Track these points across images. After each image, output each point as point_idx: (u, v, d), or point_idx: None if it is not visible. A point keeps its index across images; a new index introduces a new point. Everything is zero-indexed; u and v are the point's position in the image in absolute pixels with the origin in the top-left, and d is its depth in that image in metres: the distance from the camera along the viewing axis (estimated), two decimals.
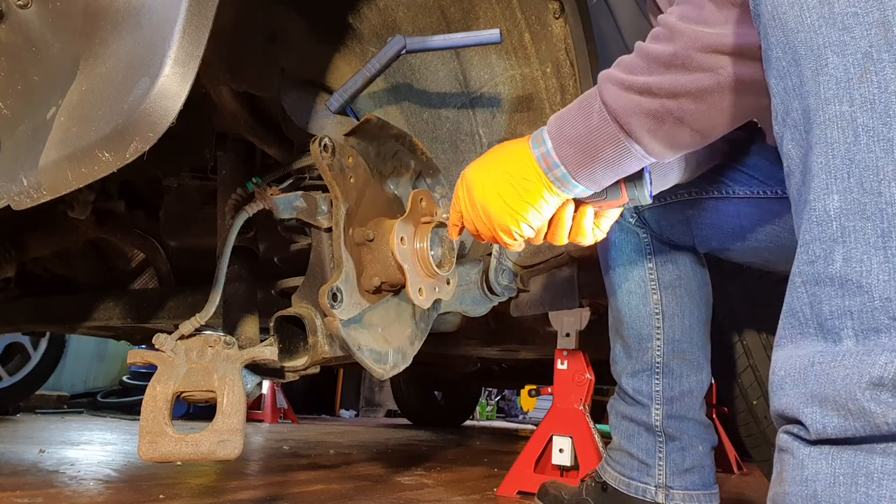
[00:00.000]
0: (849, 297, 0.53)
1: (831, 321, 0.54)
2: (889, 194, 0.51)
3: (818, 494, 0.54)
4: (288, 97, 1.12)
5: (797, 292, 0.57)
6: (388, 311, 1.13)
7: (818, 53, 0.55)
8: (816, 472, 0.54)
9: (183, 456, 0.96)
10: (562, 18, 1.26)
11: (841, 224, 0.54)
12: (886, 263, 0.51)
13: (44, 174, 0.72)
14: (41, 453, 2.06)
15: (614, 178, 0.84)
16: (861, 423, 0.51)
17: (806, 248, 0.57)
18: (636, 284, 1.32)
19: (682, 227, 1.27)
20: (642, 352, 1.32)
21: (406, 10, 1.29)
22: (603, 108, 0.76)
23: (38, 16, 0.74)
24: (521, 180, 0.83)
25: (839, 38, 0.54)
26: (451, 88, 1.38)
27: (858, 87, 0.53)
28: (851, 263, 0.53)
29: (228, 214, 1.14)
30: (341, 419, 5.43)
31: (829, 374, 0.53)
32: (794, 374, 0.56)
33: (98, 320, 1.86)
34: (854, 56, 0.53)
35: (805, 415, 0.55)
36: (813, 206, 0.56)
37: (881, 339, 0.51)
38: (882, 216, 0.51)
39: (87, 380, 4.81)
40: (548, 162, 0.82)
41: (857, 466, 0.52)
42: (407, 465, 2.31)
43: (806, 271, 0.56)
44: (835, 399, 0.52)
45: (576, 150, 0.80)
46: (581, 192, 0.85)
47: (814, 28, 0.55)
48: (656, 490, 1.30)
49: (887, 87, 0.52)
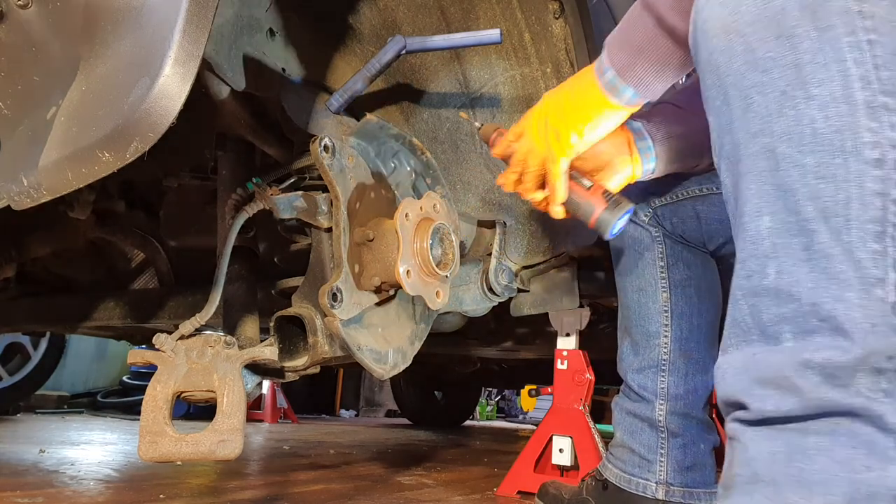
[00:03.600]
0: (783, 305, 0.60)
1: (771, 327, 0.61)
2: (806, 212, 0.59)
3: (759, 472, 0.60)
4: (288, 97, 1.12)
5: (738, 304, 0.64)
6: (388, 311, 1.13)
7: (745, 94, 0.63)
8: (758, 452, 0.60)
9: (183, 456, 0.96)
10: (562, 18, 1.26)
11: (772, 242, 0.61)
12: (811, 273, 0.58)
13: (44, 174, 0.72)
14: (41, 453, 2.06)
15: (657, 79, 0.89)
16: (794, 399, 0.58)
17: (743, 264, 0.64)
18: (647, 282, 1.33)
19: (693, 223, 1.29)
20: (649, 349, 1.32)
21: (406, 10, 1.29)
22: (639, 4, 0.85)
23: (38, 16, 0.74)
24: (578, 89, 0.94)
25: (760, 79, 0.62)
26: (451, 88, 1.38)
27: (777, 122, 0.61)
28: (783, 276, 0.60)
29: (228, 214, 1.14)
30: (341, 419, 5.43)
31: (767, 360, 0.60)
32: (736, 365, 0.63)
33: (98, 320, 1.86)
34: (773, 94, 0.61)
35: (747, 394, 0.61)
36: (747, 228, 0.63)
37: (815, 338, 0.58)
38: (803, 232, 0.59)
39: (87, 380, 4.81)
40: (600, 69, 0.91)
41: (793, 444, 0.58)
42: (407, 465, 2.31)
43: (744, 285, 0.63)
44: (772, 379, 0.59)
45: (619, 47, 0.89)
46: (632, 97, 0.91)
47: (740, 72, 0.63)
48: (657, 486, 1.30)
49: (801, 120, 0.60)
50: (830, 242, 0.58)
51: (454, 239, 1.13)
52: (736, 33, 0.63)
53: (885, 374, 0.56)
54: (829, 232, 0.58)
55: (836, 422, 0.56)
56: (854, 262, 0.57)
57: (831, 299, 0.57)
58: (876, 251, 0.57)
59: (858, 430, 0.56)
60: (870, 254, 0.57)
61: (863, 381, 0.56)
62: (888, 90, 0.58)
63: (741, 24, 0.63)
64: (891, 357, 0.55)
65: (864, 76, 0.58)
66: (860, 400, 0.55)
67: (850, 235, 0.57)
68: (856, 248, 0.57)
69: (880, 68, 0.58)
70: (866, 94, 0.58)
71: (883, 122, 0.58)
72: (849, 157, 0.58)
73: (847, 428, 0.56)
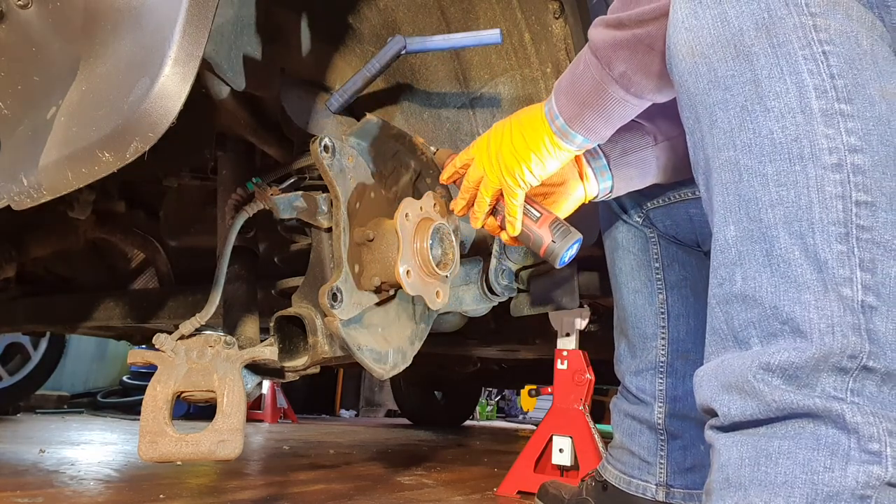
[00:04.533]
0: (750, 310, 0.62)
1: (741, 332, 0.63)
2: (767, 219, 0.61)
3: (730, 477, 0.62)
4: (288, 97, 1.12)
5: (714, 312, 0.67)
6: (388, 311, 1.13)
7: (710, 111, 0.66)
8: (728, 458, 0.62)
9: (183, 456, 0.96)
10: (562, 18, 1.26)
11: (738, 250, 0.63)
12: (772, 277, 0.60)
13: (44, 174, 0.72)
14: (41, 453, 2.06)
15: (606, 126, 0.90)
16: (756, 403, 0.59)
17: (715, 272, 0.66)
18: (642, 284, 1.32)
19: (687, 225, 1.28)
20: (647, 351, 1.32)
21: (406, 10, 1.29)
22: (588, 51, 0.86)
23: (38, 16, 0.74)
24: (530, 130, 0.94)
25: (723, 96, 0.65)
26: (451, 88, 1.38)
27: (739, 135, 0.64)
28: (748, 281, 0.62)
29: (228, 214, 1.14)
30: (341, 419, 5.43)
31: (732, 365, 0.62)
32: (708, 373, 0.66)
33: (98, 320, 1.86)
34: (734, 110, 0.64)
35: (715, 402, 0.64)
36: (716, 238, 0.66)
37: (778, 341, 0.60)
38: (765, 238, 0.61)
39: (87, 380, 4.81)
40: (551, 114, 0.92)
41: (759, 449, 0.60)
42: (407, 465, 2.31)
43: (718, 293, 0.66)
44: (735, 384, 0.61)
45: (568, 98, 0.89)
46: (582, 142, 0.92)
47: (706, 91, 0.66)
48: (657, 488, 1.30)
49: (760, 132, 0.62)
50: (790, 247, 0.60)
51: (454, 239, 1.13)
52: (700, 55, 0.67)
53: (849, 373, 0.57)
54: (790, 236, 0.60)
55: (800, 424, 0.58)
56: (817, 264, 0.58)
57: (790, 302, 0.59)
58: (841, 252, 0.58)
59: (820, 431, 0.57)
60: (835, 255, 0.58)
61: (827, 381, 0.57)
62: (844, 97, 0.60)
63: (704, 47, 0.66)
64: (852, 356, 0.56)
65: (820, 86, 0.60)
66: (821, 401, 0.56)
67: (814, 238, 0.59)
68: (821, 250, 0.58)
69: (836, 77, 0.60)
70: (822, 102, 0.60)
71: (839, 129, 0.60)
72: (807, 163, 0.60)
73: (810, 430, 0.57)
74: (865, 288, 0.57)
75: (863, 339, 0.56)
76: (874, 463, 0.55)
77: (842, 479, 0.55)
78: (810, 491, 0.56)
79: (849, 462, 0.55)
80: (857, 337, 0.56)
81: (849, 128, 0.60)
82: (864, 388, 0.56)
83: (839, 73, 0.60)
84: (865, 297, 0.57)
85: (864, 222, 0.58)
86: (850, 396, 0.56)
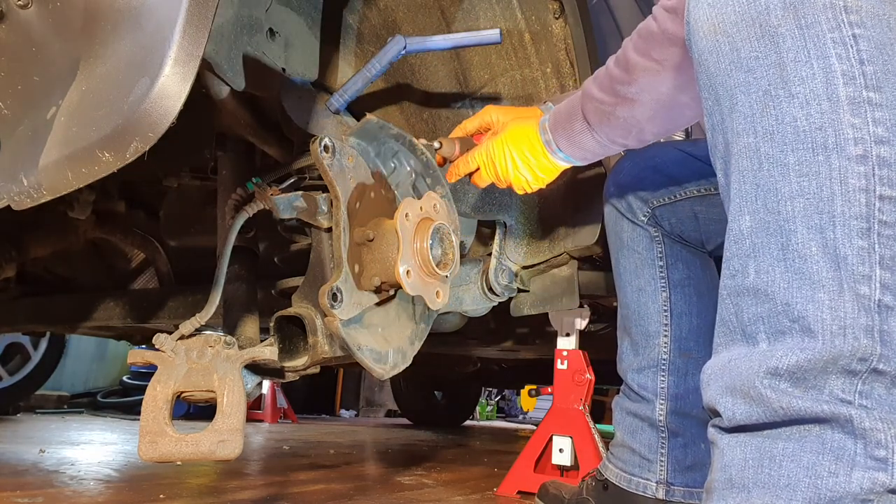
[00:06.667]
0: (760, 305, 0.60)
1: (750, 327, 0.61)
2: (786, 212, 0.59)
3: (733, 478, 0.61)
4: (288, 97, 1.12)
5: (724, 304, 0.65)
6: (388, 311, 1.13)
7: (731, 93, 0.63)
8: (732, 458, 0.61)
9: (183, 456, 0.96)
10: (562, 18, 1.27)
11: (752, 241, 0.61)
12: (786, 273, 0.58)
13: (44, 174, 0.72)
14: (41, 453, 2.06)
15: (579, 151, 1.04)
16: (762, 409, 0.58)
17: (728, 263, 0.64)
18: (646, 282, 1.33)
19: (692, 223, 1.29)
20: (649, 348, 1.32)
21: (406, 10, 1.29)
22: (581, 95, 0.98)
23: (38, 16, 0.74)
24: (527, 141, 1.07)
25: (745, 79, 0.62)
26: (451, 88, 1.38)
27: (760, 121, 0.61)
28: (761, 275, 0.60)
29: (228, 214, 1.14)
30: (341, 419, 5.42)
31: (738, 368, 0.61)
32: (716, 371, 0.64)
33: (98, 320, 1.86)
34: (756, 94, 0.61)
35: (720, 404, 0.62)
36: (731, 227, 0.64)
37: (786, 339, 0.58)
38: (781, 232, 0.59)
39: (87, 380, 4.81)
40: (544, 129, 1.06)
41: (763, 451, 0.59)
42: (407, 465, 2.31)
43: (729, 284, 0.64)
44: (740, 388, 0.60)
45: (556, 125, 1.04)
46: (564, 157, 1.06)
47: (727, 72, 0.63)
48: (657, 486, 1.30)
49: (783, 119, 0.59)
50: (808, 242, 0.57)
51: (454, 239, 1.13)
52: (722, 33, 0.63)
53: (859, 375, 0.55)
54: (809, 230, 0.57)
55: (806, 428, 0.57)
56: (835, 260, 0.56)
57: (803, 300, 0.57)
58: (862, 248, 0.56)
59: (826, 435, 0.56)
60: (855, 250, 0.56)
61: (836, 384, 0.56)
62: (873, 85, 0.57)
63: (727, 25, 0.63)
64: (862, 359, 0.55)
65: (848, 72, 0.57)
66: (829, 406, 0.55)
67: (835, 232, 0.57)
68: (840, 245, 0.56)
69: (865, 63, 0.57)
70: (849, 89, 0.57)
71: (866, 118, 0.57)
72: (831, 153, 0.57)
73: (816, 434, 0.56)
74: (884, 287, 0.56)
75: (875, 342, 0.55)
76: (880, 469, 0.54)
77: (846, 484, 0.54)
78: (813, 495, 0.55)
79: (854, 467, 0.54)
80: (868, 339, 0.55)
81: (876, 118, 0.57)
82: (872, 390, 0.55)
83: (869, 58, 0.57)
84: (883, 296, 0.56)
85: (886, 217, 0.56)
86: (858, 399, 0.55)
